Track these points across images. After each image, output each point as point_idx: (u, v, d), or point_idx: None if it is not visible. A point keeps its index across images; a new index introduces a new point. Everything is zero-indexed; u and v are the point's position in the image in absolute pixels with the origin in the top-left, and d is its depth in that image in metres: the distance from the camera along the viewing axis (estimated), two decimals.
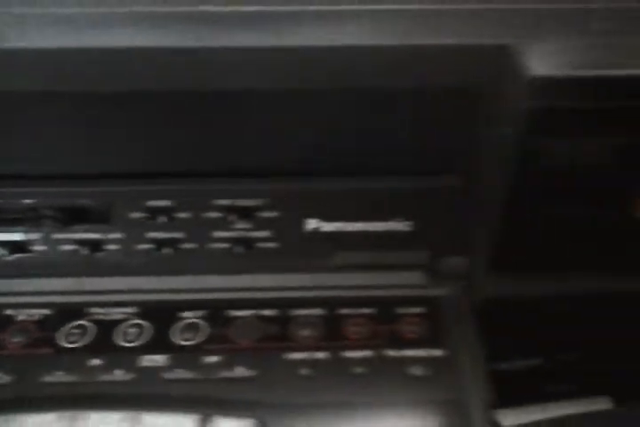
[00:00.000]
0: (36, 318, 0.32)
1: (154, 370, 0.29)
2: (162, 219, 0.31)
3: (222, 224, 0.32)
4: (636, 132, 0.25)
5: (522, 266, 0.30)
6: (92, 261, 0.33)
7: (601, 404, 0.52)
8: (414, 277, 0.33)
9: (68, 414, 0.27)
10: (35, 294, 0.33)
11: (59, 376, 0.29)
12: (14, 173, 0.30)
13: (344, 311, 0.32)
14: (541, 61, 0.24)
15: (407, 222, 0.32)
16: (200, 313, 0.32)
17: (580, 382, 0.49)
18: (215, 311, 0.32)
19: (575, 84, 0.23)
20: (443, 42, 0.25)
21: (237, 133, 0.29)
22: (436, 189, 0.31)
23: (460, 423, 0.28)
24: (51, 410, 0.27)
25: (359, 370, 0.30)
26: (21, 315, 0.32)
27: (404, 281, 0.33)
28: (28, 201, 0.31)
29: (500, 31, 0.26)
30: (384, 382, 0.29)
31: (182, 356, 0.30)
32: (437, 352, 0.30)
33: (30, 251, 0.33)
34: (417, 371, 0.29)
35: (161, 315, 0.32)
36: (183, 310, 0.32)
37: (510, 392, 0.49)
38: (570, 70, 0.23)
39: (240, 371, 0.29)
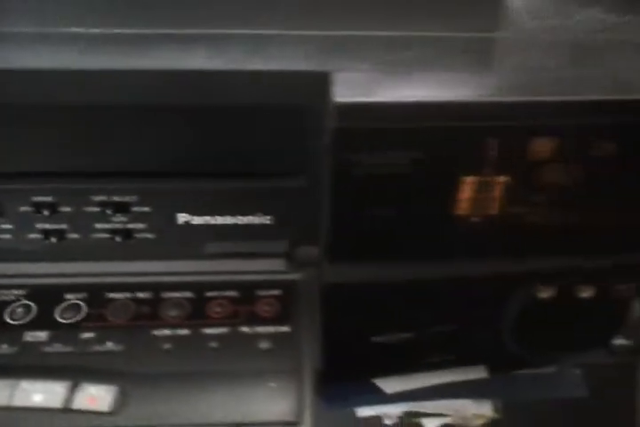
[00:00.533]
0: None
1: (35, 344, 0.34)
2: (47, 212, 0.35)
3: (102, 217, 0.36)
4: (427, 148, 0.30)
5: (354, 256, 0.35)
6: None
7: (477, 373, 0.58)
8: (274, 264, 0.38)
9: None
10: None
11: None
12: None
13: (210, 294, 0.37)
14: (347, 89, 0.28)
15: (267, 217, 0.37)
16: (81, 295, 0.36)
17: (458, 352, 0.54)
18: (94, 294, 0.36)
19: (371, 109, 0.28)
20: (271, 68, 0.30)
21: (109, 140, 0.34)
22: (289, 189, 0.36)
23: (295, 388, 0.33)
24: None
25: (215, 344, 0.34)
26: None
27: (266, 267, 0.38)
28: None
29: (320, 59, 0.30)
30: (236, 354, 0.34)
31: (62, 332, 0.34)
32: (284, 329, 0.35)
33: None
34: (265, 345, 0.35)
35: (46, 296, 0.36)
36: (66, 292, 0.36)
37: (392, 363, 0.55)
38: (368, 98, 0.28)
39: (110, 345, 0.34)
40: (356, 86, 0.29)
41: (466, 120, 0.29)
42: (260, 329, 0.35)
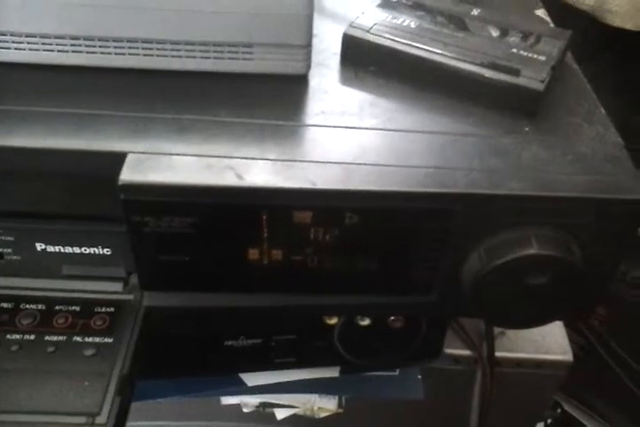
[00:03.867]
0: None
1: None
2: None
3: None
4: (201, 216, 0.40)
5: (159, 286, 0.45)
6: None
7: (330, 372, 0.68)
8: (113, 286, 0.48)
9: None
10: None
11: None
12: None
13: (57, 308, 0.47)
14: (130, 169, 0.38)
15: (106, 249, 0.47)
16: None
17: (300, 356, 0.64)
18: None
19: (145, 188, 0.38)
20: (85, 148, 0.40)
21: None
22: (116, 232, 0.45)
23: (102, 388, 0.43)
24: None
25: (52, 349, 0.45)
26: None
27: (106, 288, 0.48)
28: None
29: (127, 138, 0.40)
30: (66, 358, 0.44)
31: None
32: (108, 340, 0.45)
33: None
34: (89, 352, 0.45)
35: None
36: None
37: (248, 362, 0.65)
38: (143, 178, 0.38)
39: None
40: (138, 167, 0.38)
41: (232, 199, 0.39)
42: (89, 339, 0.45)
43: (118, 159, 0.40)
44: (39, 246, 0.47)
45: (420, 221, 0.41)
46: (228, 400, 0.67)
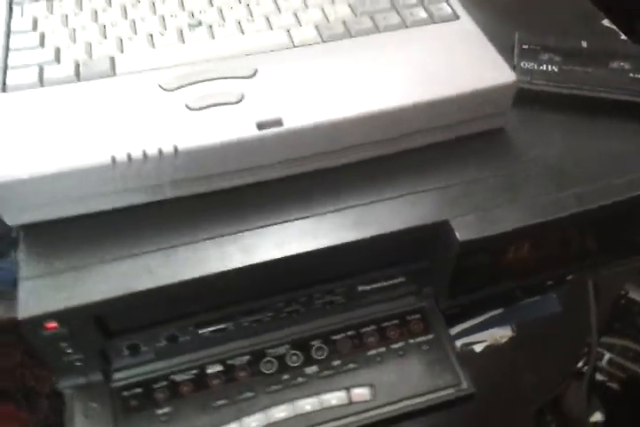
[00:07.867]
0: (245, 361, 0.65)
1: (314, 373, 0.65)
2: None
3: (320, 297, 0.66)
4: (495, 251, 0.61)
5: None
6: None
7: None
8: (410, 300, 0.69)
9: (286, 403, 0.63)
10: (235, 350, 0.66)
11: (272, 388, 0.64)
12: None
13: (384, 324, 0.68)
14: (464, 230, 0.59)
15: (403, 278, 0.68)
16: (319, 340, 0.67)
17: None
18: (325, 338, 0.67)
19: (477, 242, 0.59)
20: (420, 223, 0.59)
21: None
22: (419, 267, 0.66)
23: (451, 369, 0.65)
24: (274, 405, 0.63)
25: (401, 353, 0.66)
26: (237, 362, 0.65)
27: (407, 302, 0.69)
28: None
29: (439, 209, 0.60)
30: (415, 356, 0.66)
31: (321, 364, 0.65)
32: (430, 336, 0.67)
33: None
34: (425, 347, 0.67)
35: (303, 346, 0.66)
36: (312, 340, 0.66)
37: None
38: (475, 236, 0.59)
39: (351, 365, 0.65)
40: (464, 229, 0.59)
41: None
42: (419, 339, 0.67)
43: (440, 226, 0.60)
44: (360, 288, 0.67)
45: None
46: None
